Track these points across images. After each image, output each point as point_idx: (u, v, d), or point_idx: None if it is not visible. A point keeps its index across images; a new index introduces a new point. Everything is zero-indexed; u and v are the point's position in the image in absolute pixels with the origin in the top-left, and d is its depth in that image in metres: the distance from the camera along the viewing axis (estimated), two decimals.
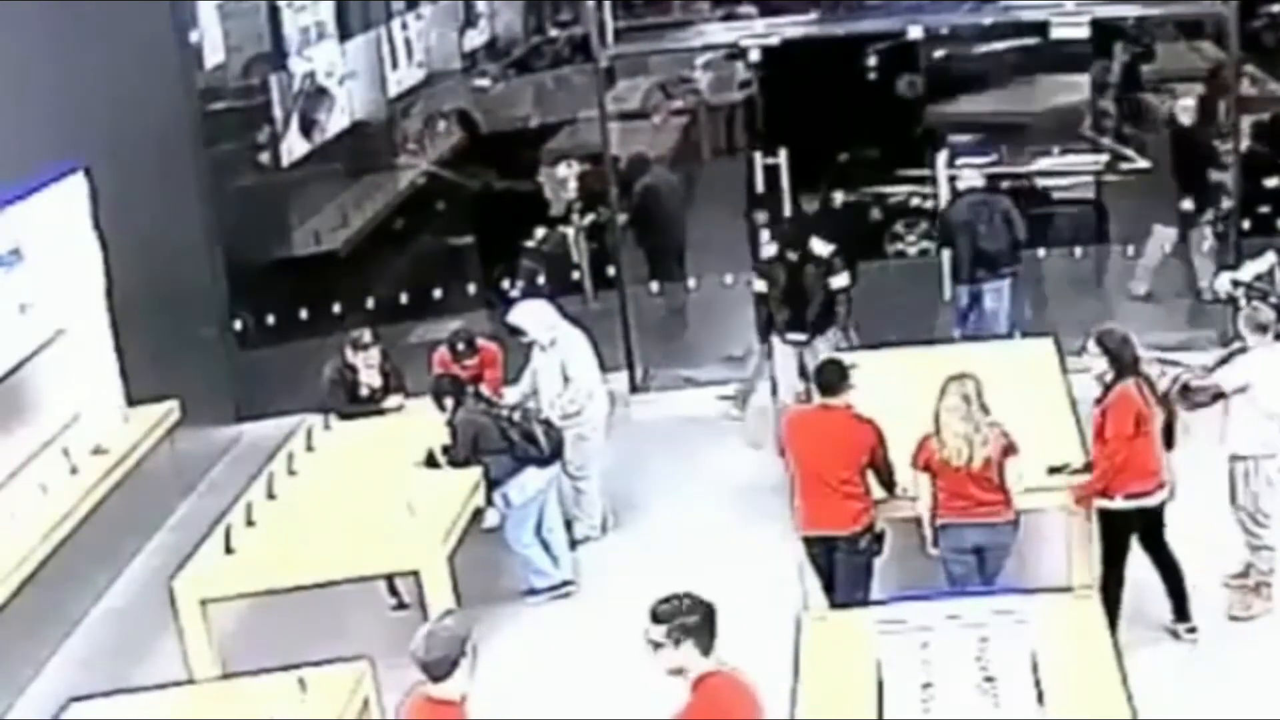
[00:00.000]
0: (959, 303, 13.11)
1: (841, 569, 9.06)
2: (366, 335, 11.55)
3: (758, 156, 14.69)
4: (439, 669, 6.26)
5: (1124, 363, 9.00)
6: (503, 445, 10.26)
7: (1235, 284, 10.63)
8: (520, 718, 8.75)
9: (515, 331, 11.25)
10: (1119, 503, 8.98)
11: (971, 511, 8.76)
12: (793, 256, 12.01)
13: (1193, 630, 9.28)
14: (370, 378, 11.51)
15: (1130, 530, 9.09)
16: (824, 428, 9.12)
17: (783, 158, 14.44)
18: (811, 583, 9.22)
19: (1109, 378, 8.99)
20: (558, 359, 11.04)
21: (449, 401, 10.41)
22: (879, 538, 9.12)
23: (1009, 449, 8.73)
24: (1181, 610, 9.30)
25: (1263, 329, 9.42)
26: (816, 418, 9.24)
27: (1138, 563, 9.18)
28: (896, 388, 10.49)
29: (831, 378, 9.16)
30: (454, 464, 10.30)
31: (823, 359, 9.81)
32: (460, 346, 11.44)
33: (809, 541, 9.19)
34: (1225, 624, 9.41)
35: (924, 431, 8.85)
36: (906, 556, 9.57)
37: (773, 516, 10.32)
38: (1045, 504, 9.27)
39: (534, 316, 11.23)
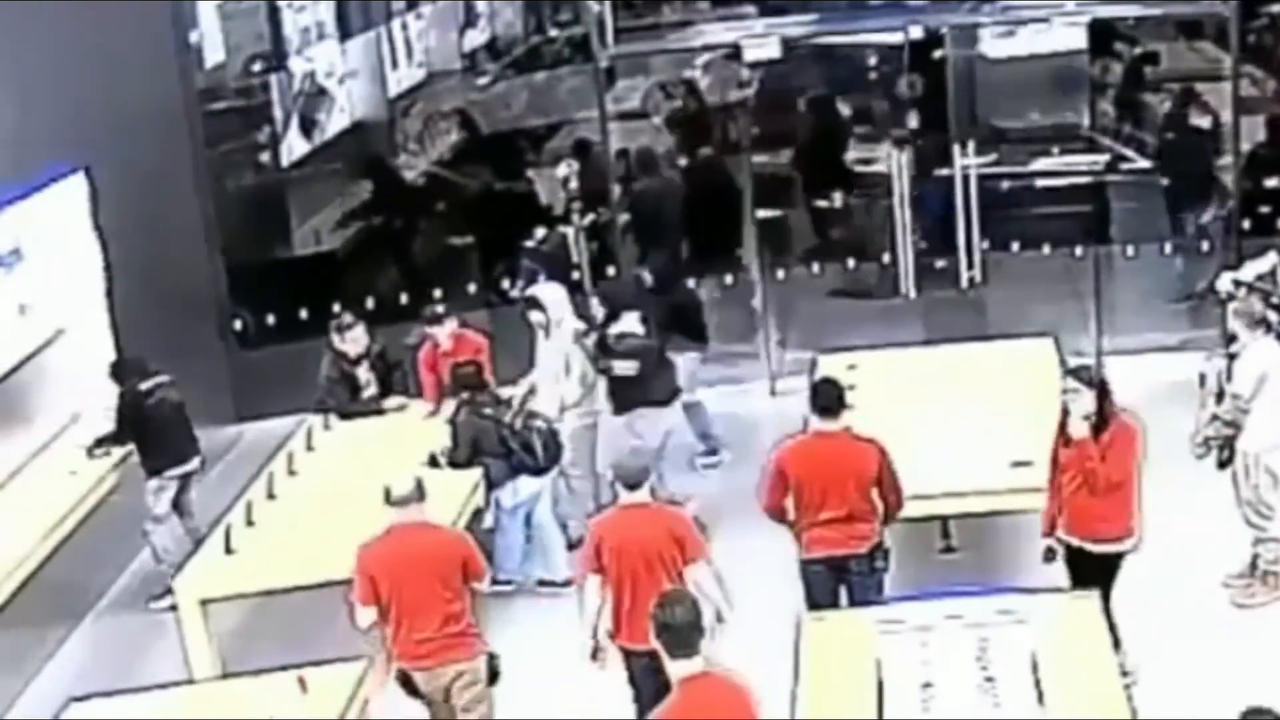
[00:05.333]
0: None
1: (859, 589, 8.67)
2: (347, 316, 11.63)
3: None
4: (635, 478, 8.16)
5: (1109, 395, 8.42)
6: (501, 451, 10.29)
7: (1236, 284, 10.60)
8: (520, 718, 8.77)
9: (532, 304, 11.24)
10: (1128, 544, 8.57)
11: None
12: None
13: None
14: (360, 362, 11.46)
15: None
16: (827, 455, 8.60)
17: None
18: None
19: (1092, 416, 8.35)
20: (559, 348, 11.08)
21: (464, 394, 10.42)
22: (886, 554, 8.77)
23: None
24: None
25: (1258, 322, 9.41)
26: (817, 445, 8.66)
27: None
28: (896, 388, 10.53)
29: (829, 400, 8.64)
30: (454, 465, 10.31)
31: (819, 378, 9.17)
32: (434, 312, 11.56)
33: (812, 562, 8.75)
34: (1225, 625, 9.40)
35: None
36: (906, 557, 9.56)
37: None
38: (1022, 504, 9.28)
39: (552, 295, 11.34)
